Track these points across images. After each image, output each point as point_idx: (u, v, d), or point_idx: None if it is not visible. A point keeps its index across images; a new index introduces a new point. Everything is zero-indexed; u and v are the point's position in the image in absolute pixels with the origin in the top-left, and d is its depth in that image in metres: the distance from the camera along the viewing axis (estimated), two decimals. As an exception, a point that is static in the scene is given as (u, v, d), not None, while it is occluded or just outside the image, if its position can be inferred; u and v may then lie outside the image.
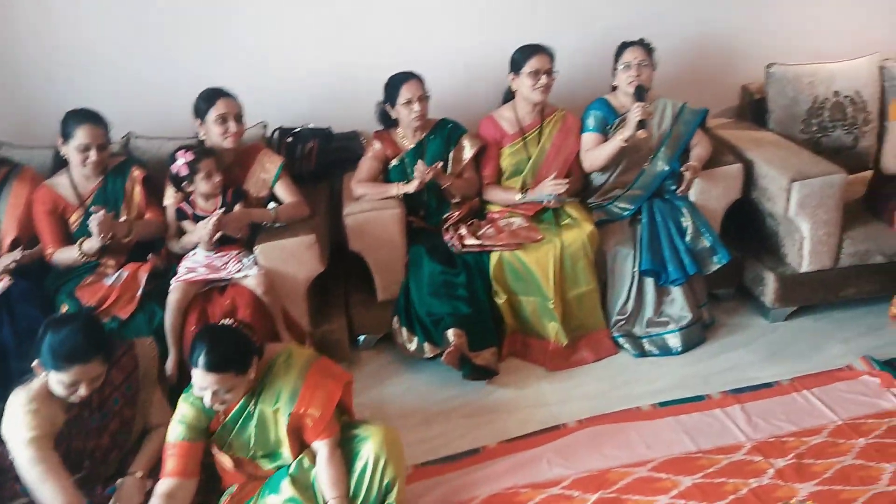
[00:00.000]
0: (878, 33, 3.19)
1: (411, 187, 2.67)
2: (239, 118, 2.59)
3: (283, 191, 2.67)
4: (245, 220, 2.55)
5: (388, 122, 2.85)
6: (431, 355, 2.62)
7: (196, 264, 2.45)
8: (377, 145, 2.82)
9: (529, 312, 2.73)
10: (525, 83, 2.76)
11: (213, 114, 2.54)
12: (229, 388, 1.79)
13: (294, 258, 2.52)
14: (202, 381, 1.77)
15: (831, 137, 3.05)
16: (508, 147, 2.85)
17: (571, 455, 2.26)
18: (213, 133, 2.56)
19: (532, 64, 2.73)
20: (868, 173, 2.99)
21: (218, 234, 2.44)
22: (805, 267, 2.73)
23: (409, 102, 2.69)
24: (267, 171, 2.67)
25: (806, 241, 2.69)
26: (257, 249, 2.50)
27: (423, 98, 2.72)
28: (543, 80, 2.74)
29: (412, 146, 2.81)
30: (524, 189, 2.83)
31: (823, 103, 3.02)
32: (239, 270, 2.45)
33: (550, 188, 2.73)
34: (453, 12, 3.05)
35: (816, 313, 2.88)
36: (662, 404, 2.46)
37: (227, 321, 1.95)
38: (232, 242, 2.52)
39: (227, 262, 2.46)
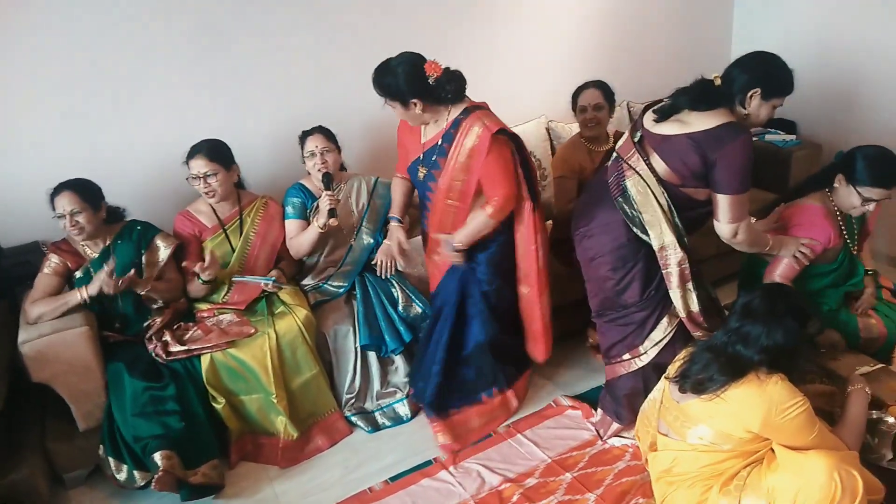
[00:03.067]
0: (541, 99, 3.61)
1: (93, 288, 2.42)
2: None
3: None
4: None
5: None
6: (143, 484, 2.37)
7: None
8: (55, 259, 2.53)
9: (255, 411, 2.61)
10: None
11: None
12: None
13: (-48, 408, 2.15)
14: None
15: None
16: (210, 240, 2.74)
17: (304, 559, 2.18)
18: None
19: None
20: (549, 223, 3.35)
21: None
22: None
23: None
24: None
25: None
26: None
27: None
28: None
29: (96, 255, 2.57)
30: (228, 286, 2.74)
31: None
32: None
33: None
34: (124, 108, 2.86)
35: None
36: (393, 479, 2.48)
37: None
38: None
39: None
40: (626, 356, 2.42)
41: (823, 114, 3.79)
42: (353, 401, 2.76)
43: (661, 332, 2.37)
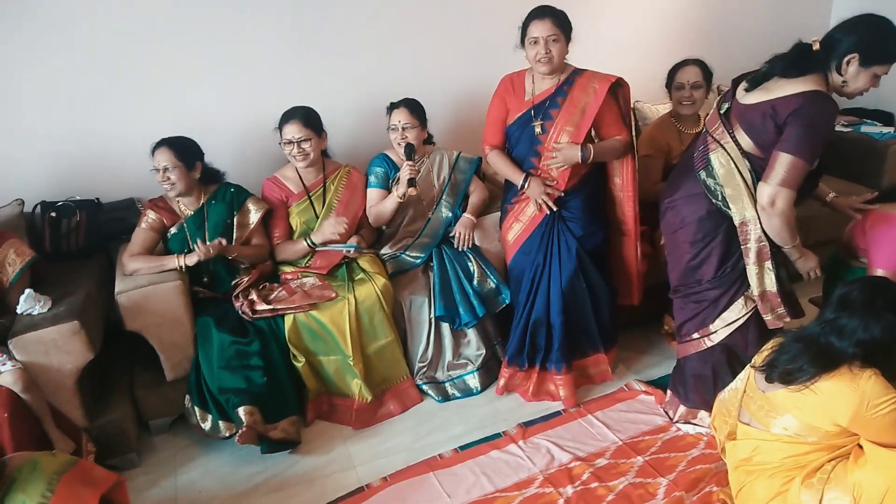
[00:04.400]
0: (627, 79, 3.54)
1: (192, 259, 2.54)
2: None
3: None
4: None
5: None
6: (228, 434, 2.48)
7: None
8: (151, 215, 2.65)
9: (332, 372, 2.69)
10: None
11: None
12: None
13: (57, 348, 2.28)
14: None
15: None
16: (295, 206, 2.82)
17: (376, 517, 2.25)
18: None
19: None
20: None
21: None
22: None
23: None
24: (12, 264, 2.41)
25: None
26: (11, 343, 2.24)
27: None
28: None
29: (191, 212, 2.68)
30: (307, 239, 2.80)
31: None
32: (-10, 368, 2.18)
33: (331, 227, 2.72)
34: (217, 75, 2.97)
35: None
36: (462, 448, 2.51)
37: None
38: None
39: (-26, 360, 2.19)
40: (696, 335, 2.38)
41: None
42: (424, 370, 2.81)
43: (735, 313, 2.32)
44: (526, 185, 2.64)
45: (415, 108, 2.88)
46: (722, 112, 2.26)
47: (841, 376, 1.80)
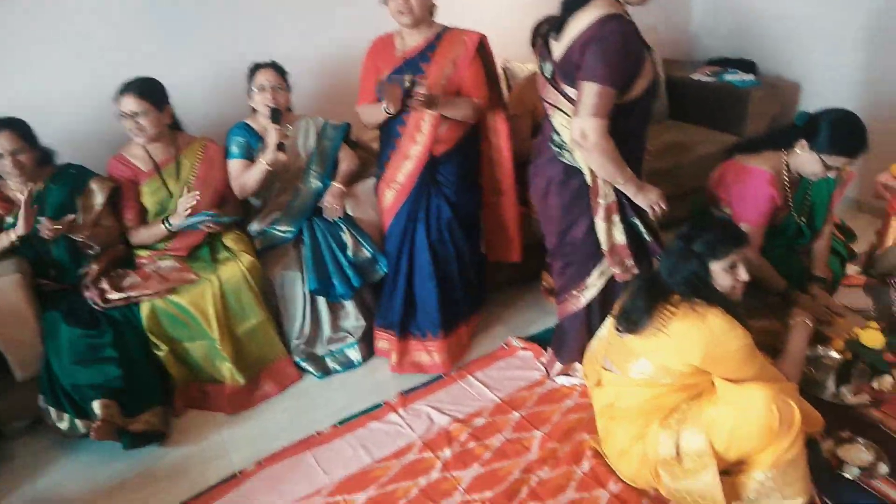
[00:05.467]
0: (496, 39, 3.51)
1: (20, 227, 2.33)
2: None
3: None
4: None
5: None
6: (85, 431, 2.32)
7: None
8: (-19, 204, 2.42)
9: (199, 358, 2.56)
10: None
11: None
12: None
13: None
14: None
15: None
16: (146, 185, 2.63)
17: (250, 502, 2.16)
18: None
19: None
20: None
21: None
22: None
23: None
24: None
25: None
26: None
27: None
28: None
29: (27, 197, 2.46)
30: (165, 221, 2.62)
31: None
32: None
33: (183, 204, 2.55)
34: (53, 48, 2.71)
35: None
36: (341, 422, 2.45)
37: None
38: None
39: None
40: (574, 292, 2.40)
41: (784, 52, 3.74)
42: (302, 346, 2.72)
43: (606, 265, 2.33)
44: (386, 105, 2.50)
45: (281, 70, 2.75)
46: (547, 75, 2.19)
47: (689, 317, 1.84)
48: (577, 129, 2.02)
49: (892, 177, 2.91)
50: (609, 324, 2.13)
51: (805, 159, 2.27)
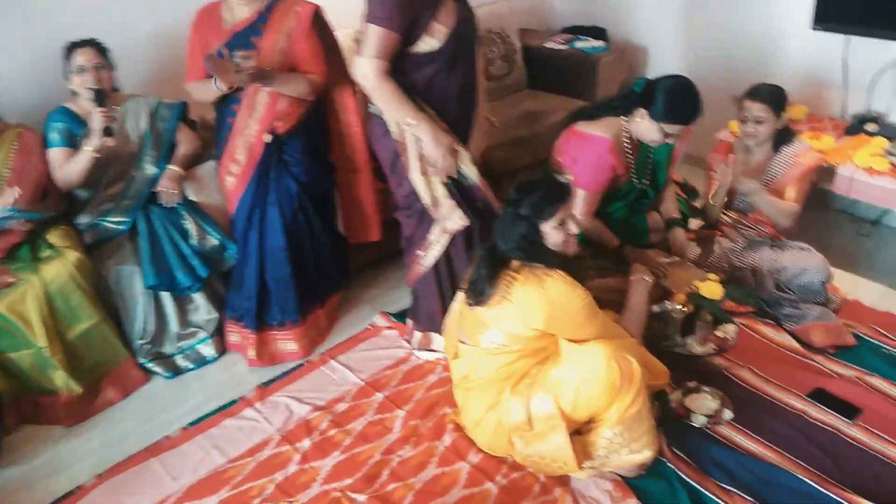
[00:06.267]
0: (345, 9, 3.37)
1: None
2: None
3: None
4: None
5: None
6: None
7: None
8: None
9: (27, 368, 2.30)
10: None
11: None
12: None
13: None
14: None
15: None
16: (-49, 183, 2.34)
17: (88, 520, 1.98)
18: None
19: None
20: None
21: None
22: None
23: None
24: None
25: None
26: None
27: None
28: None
29: None
30: None
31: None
32: None
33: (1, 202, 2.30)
34: None
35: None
36: (192, 423, 2.30)
37: None
38: None
39: None
40: (419, 251, 2.36)
41: (632, 18, 3.84)
42: (148, 346, 2.52)
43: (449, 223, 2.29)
44: (217, 84, 2.35)
45: (101, 48, 2.50)
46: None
47: (530, 282, 1.82)
48: (358, 69, 2.06)
49: (731, 133, 3.05)
50: (460, 297, 2.10)
51: (644, 127, 2.30)
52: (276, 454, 2.14)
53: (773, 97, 2.48)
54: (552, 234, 1.84)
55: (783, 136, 2.56)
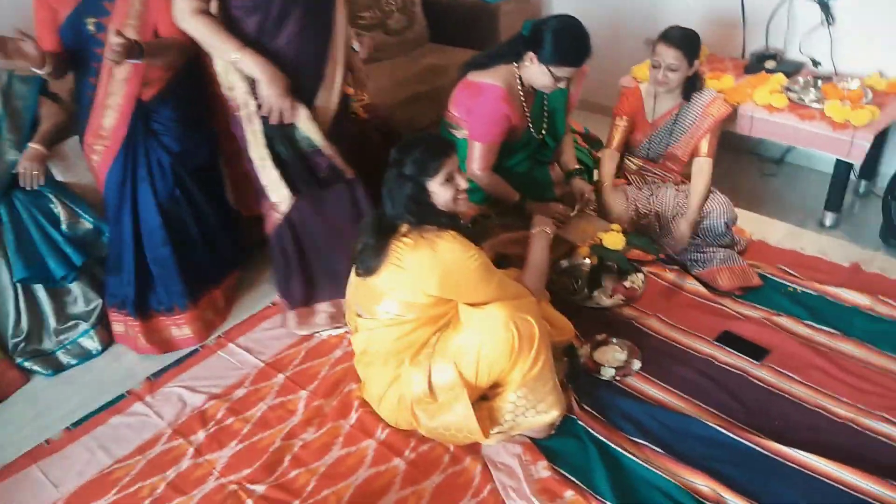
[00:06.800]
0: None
1: None
2: None
3: None
4: None
5: None
6: None
7: None
8: None
9: None
10: None
11: None
12: None
13: None
14: None
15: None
16: None
17: (-44, 541, 1.80)
18: None
19: None
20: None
21: None
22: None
23: None
24: None
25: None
26: None
27: None
28: None
29: None
30: None
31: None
32: None
33: None
34: None
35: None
36: (76, 424, 2.12)
37: None
38: None
39: None
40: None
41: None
42: (23, 345, 2.31)
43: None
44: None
45: None
46: None
47: (420, 246, 1.71)
48: (176, 10, 1.94)
49: (633, 79, 2.99)
50: (353, 269, 1.97)
51: (534, 72, 2.18)
52: (167, 450, 1.99)
53: (688, 43, 2.35)
54: (440, 191, 1.73)
55: (693, 83, 2.47)
